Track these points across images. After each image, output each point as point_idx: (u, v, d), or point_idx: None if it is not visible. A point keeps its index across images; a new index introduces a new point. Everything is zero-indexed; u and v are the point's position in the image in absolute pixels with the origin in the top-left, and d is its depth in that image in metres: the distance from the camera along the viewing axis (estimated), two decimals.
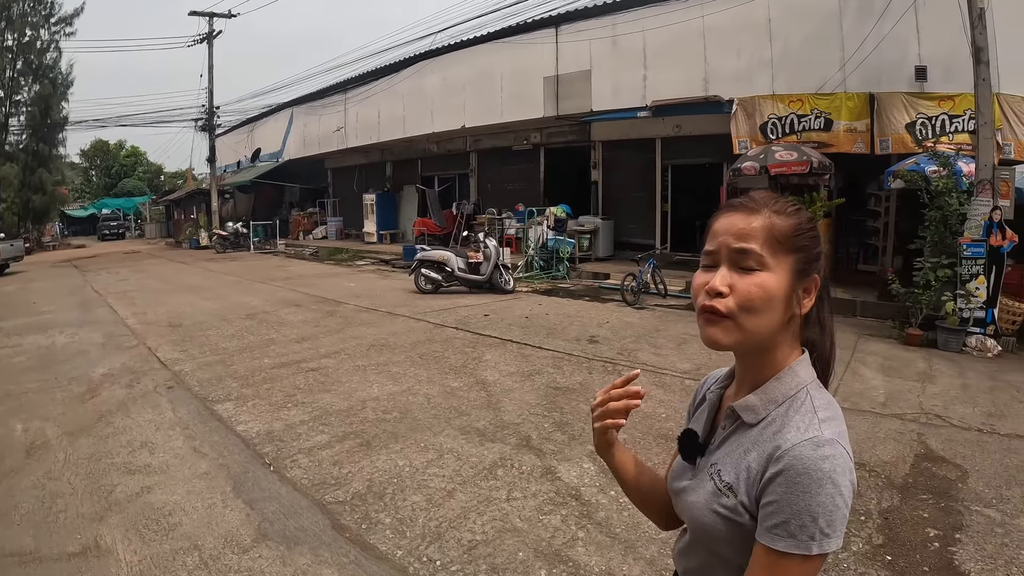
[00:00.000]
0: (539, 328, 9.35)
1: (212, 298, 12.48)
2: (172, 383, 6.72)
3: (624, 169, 16.89)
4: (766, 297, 1.02)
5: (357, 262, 19.16)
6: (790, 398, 1.05)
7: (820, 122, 12.33)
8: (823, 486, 0.93)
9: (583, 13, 15.94)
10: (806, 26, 12.77)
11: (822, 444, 0.96)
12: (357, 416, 5.60)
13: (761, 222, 1.04)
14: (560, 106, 16.28)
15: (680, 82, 14.30)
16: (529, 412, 5.68)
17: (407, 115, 20.80)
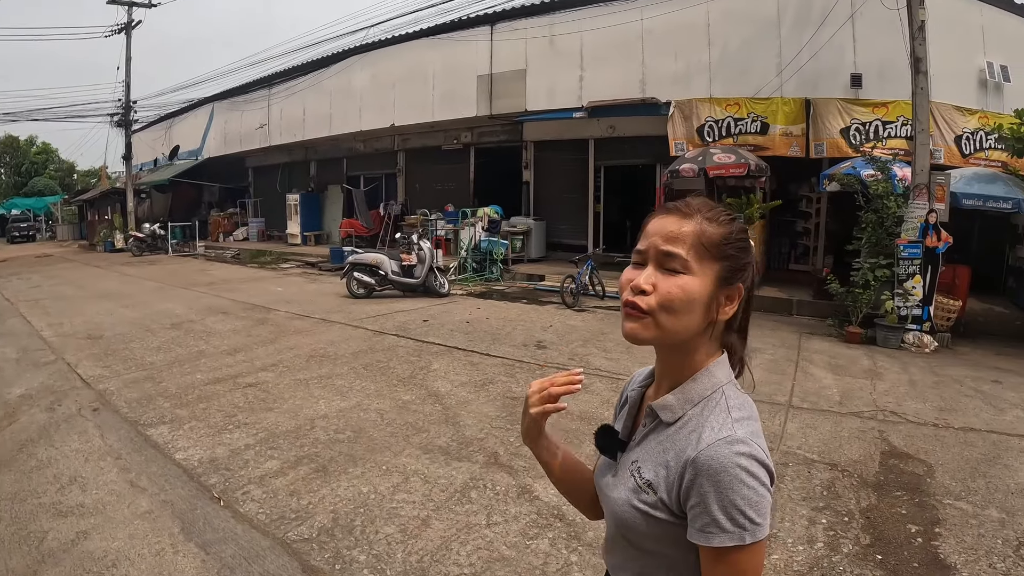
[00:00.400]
0: (482, 333, 9.05)
1: (132, 306, 11.42)
2: (97, 404, 5.94)
3: (556, 170, 16.64)
4: (686, 299, 1.05)
5: (282, 265, 18.21)
6: (706, 398, 1.09)
7: (757, 126, 12.58)
8: (743, 480, 0.98)
9: (520, 12, 15.61)
10: (745, 31, 12.94)
11: (735, 442, 1.00)
12: (307, 437, 5.10)
13: (692, 228, 1.07)
14: (494, 105, 15.87)
15: (617, 84, 14.18)
16: (491, 426, 5.36)
17: (334, 112, 19.96)
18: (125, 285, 14.45)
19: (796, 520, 3.83)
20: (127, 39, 25.30)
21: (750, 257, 1.12)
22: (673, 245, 1.06)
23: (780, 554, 3.46)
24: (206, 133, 26.16)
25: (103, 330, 9.38)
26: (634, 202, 16.08)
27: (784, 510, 3.94)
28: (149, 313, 10.73)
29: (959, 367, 7.79)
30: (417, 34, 17.57)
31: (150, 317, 10.35)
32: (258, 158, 25.67)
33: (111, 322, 9.99)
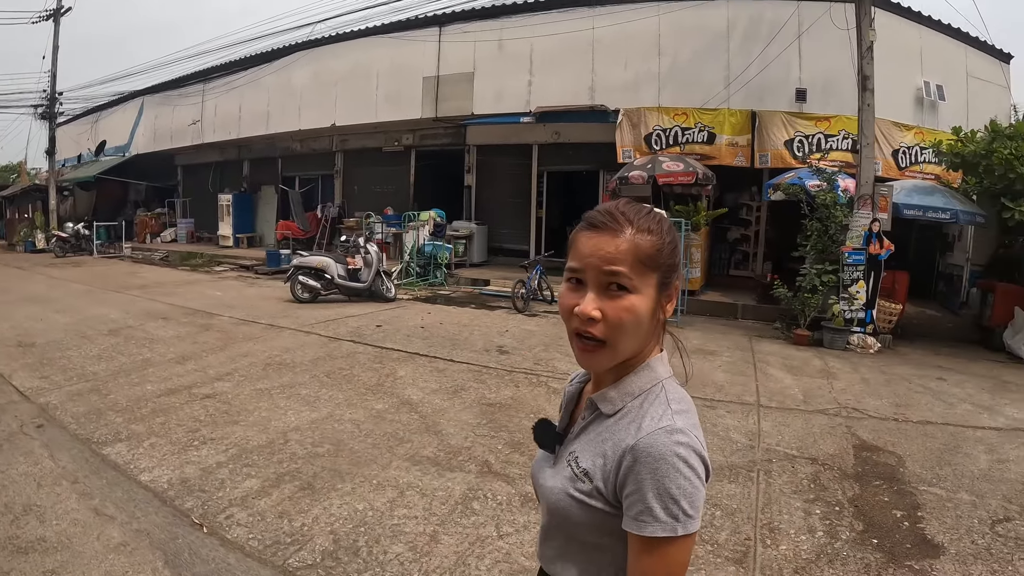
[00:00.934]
0: (440, 339, 8.79)
1: (63, 310, 10.50)
2: (41, 420, 5.31)
3: (499, 174, 16.40)
4: (636, 320, 1.05)
5: (215, 268, 17.24)
6: (646, 391, 1.10)
7: (704, 135, 12.83)
8: (680, 470, 0.98)
9: (469, 14, 15.30)
10: (694, 43, 13.18)
11: (675, 431, 1.01)
12: (283, 452, 4.71)
13: (627, 244, 1.05)
14: (439, 108, 15.51)
15: (566, 90, 14.12)
16: (474, 433, 5.18)
17: (272, 110, 19.07)
18: (52, 288, 13.34)
19: (793, 512, 3.95)
20: (55, 26, 23.49)
21: (679, 252, 1.14)
22: (613, 265, 1.04)
23: (787, 545, 3.55)
24: (135, 128, 24.60)
25: (34, 337, 8.49)
26: (577, 208, 16.02)
27: (780, 503, 4.06)
28: (83, 318, 9.84)
29: (904, 366, 8.16)
30: (363, 32, 16.94)
31: (85, 323, 9.49)
32: (189, 156, 24.26)
33: (42, 328, 9.08)
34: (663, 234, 1.09)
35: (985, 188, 10.23)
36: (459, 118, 15.55)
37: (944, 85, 13.36)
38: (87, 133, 27.59)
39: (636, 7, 13.48)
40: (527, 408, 5.90)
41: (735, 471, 4.55)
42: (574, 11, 14.03)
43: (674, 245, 1.11)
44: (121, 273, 16.32)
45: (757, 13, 12.81)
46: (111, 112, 26.46)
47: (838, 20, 11.01)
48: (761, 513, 3.91)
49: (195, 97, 21.73)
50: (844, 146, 12.15)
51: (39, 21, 23.29)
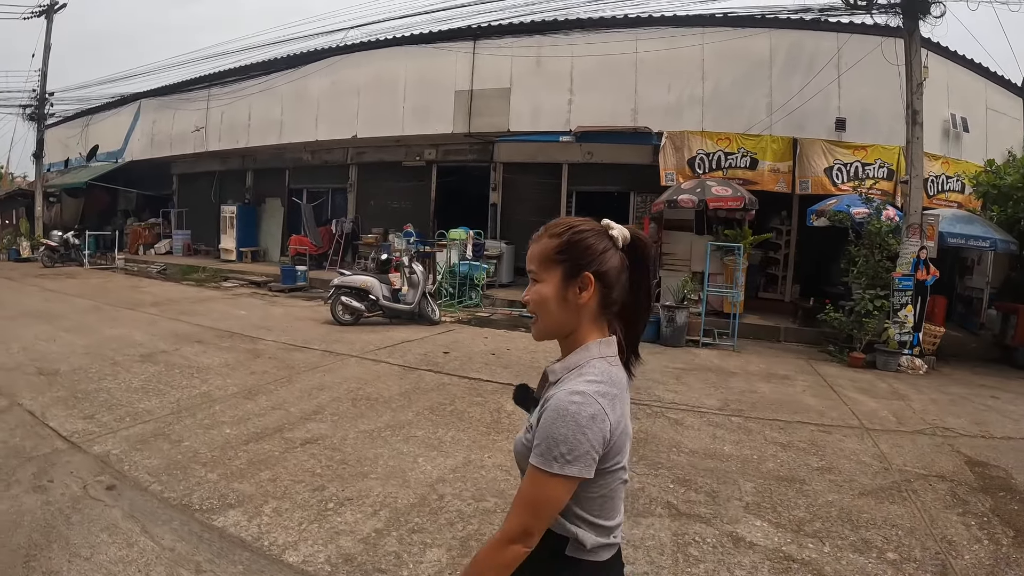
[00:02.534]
0: (520, 366, 7.73)
1: (76, 330, 8.94)
2: (107, 477, 4.03)
3: (526, 192, 15.20)
4: (541, 300, 1.32)
5: (224, 284, 15.46)
6: (579, 366, 1.29)
7: (746, 161, 12.28)
8: (565, 420, 1.17)
9: (506, 29, 14.15)
10: (737, 69, 12.62)
11: (575, 392, 1.20)
12: (447, 510, 3.74)
13: (539, 247, 1.35)
14: (472, 123, 14.21)
15: (607, 110, 13.20)
16: (635, 473, 4.40)
17: (285, 119, 17.27)
18: (53, 303, 11.53)
19: (955, 526, 3.89)
20: (48, 23, 21.29)
21: (594, 252, 1.30)
22: (529, 263, 1.36)
23: (969, 555, 3.52)
24: (130, 133, 22.32)
25: (55, 363, 6.99)
26: None
27: (941, 519, 3.97)
28: (102, 340, 8.28)
29: (955, 386, 8.09)
30: (388, 42, 15.48)
31: (107, 345, 7.96)
32: (187, 164, 22.15)
33: (60, 352, 7.53)
34: (567, 237, 1.31)
35: (1008, 216, 10.80)
36: (494, 134, 14.30)
37: (967, 117, 13.19)
38: (77, 137, 25.02)
39: (680, 31, 12.83)
40: (660, 441, 5.22)
41: (889, 493, 4.37)
42: (617, 31, 13.20)
43: (583, 245, 1.31)
44: (122, 287, 14.44)
45: (798, 42, 12.39)
46: (104, 116, 24.03)
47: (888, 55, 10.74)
48: (933, 528, 3.84)
49: (199, 102, 19.72)
50: (880, 175, 11.84)
51: (31, 17, 20.99)
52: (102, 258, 19.54)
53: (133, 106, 22.38)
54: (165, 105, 21.06)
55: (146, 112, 21.87)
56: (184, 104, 20.17)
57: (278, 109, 17.46)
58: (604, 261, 1.29)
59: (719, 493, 4.16)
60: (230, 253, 19.10)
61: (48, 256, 18.33)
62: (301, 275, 14.63)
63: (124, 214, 24.50)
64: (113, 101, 23.03)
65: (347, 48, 16.15)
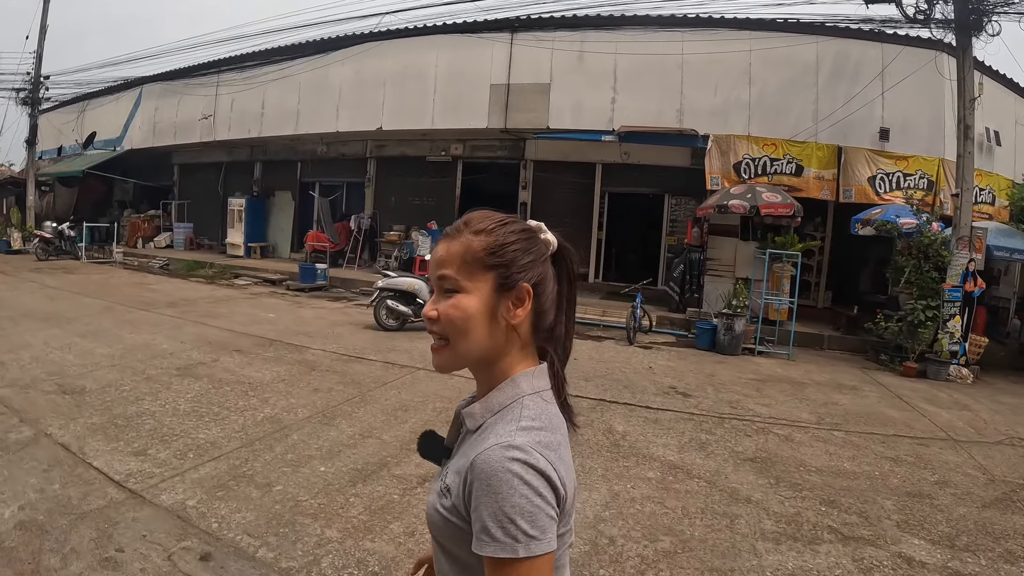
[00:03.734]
0: (597, 379, 7.00)
1: (91, 335, 7.66)
2: (193, 541, 3.05)
3: (558, 192, 14.17)
4: (463, 317, 0.95)
5: (236, 281, 14.03)
6: (505, 407, 0.96)
7: (792, 167, 11.69)
8: (514, 487, 0.84)
9: (546, 22, 13.05)
10: (783, 75, 12.02)
11: (511, 448, 0.86)
12: (628, 556, 3.20)
13: (457, 247, 0.97)
14: (509, 119, 13.06)
15: (651, 110, 12.30)
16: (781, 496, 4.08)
17: (303, 108, 15.75)
18: (57, 302, 10.11)
19: None
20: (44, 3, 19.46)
21: (531, 257, 0.98)
22: (443, 268, 0.97)
23: None
24: (130, 120, 20.38)
25: (77, 378, 5.78)
26: (639, 231, 14.36)
27: None
28: (127, 349, 7.03)
29: (1007, 396, 7.97)
30: (417, 31, 14.21)
31: (133, 355, 6.75)
32: (190, 154, 20.37)
33: (80, 363, 6.30)
34: (501, 235, 0.97)
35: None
36: (531, 131, 13.20)
37: (999, 131, 12.82)
38: (72, 123, 22.89)
39: (727, 33, 12.11)
40: (785, 461, 4.81)
41: (1006, 504, 4.20)
42: (663, 31, 12.33)
43: (518, 247, 0.97)
44: (127, 284, 12.97)
45: (844, 51, 11.84)
46: (102, 101, 21.97)
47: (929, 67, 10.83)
48: None
49: (207, 89, 18.01)
50: (920, 185, 11.45)
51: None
52: (99, 251, 17.83)
53: (134, 92, 20.50)
54: (170, 91, 19.31)
55: (148, 98, 20.04)
56: (191, 90, 18.46)
57: (295, 98, 15.96)
58: (543, 270, 0.99)
59: (868, 513, 3.94)
60: (237, 248, 17.50)
61: (42, 249, 16.60)
62: (321, 273, 13.33)
63: (121, 205, 22.61)
64: (113, 86, 21.12)
65: (372, 36, 14.80)
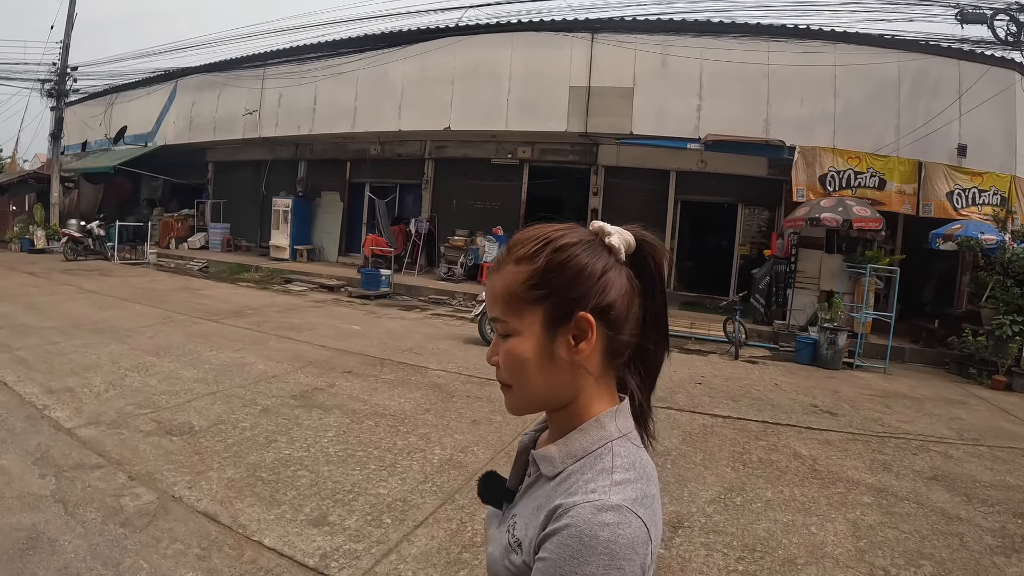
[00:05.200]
0: (745, 398, 7.01)
1: (165, 352, 7.18)
2: None
3: (629, 199, 14.24)
4: (516, 363, 0.86)
5: (292, 287, 13.83)
6: (591, 453, 0.85)
7: (875, 181, 12.00)
8: (595, 555, 0.74)
9: (628, 25, 13.12)
10: (866, 89, 12.34)
11: (605, 509, 0.76)
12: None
13: (500, 281, 0.88)
14: (590, 123, 13.10)
15: (737, 120, 12.46)
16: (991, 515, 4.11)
17: (360, 105, 15.53)
18: (106, 310, 9.84)
19: None
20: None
21: (588, 274, 0.84)
22: (493, 309, 0.89)
23: None
24: (163, 115, 19.98)
25: (176, 411, 5.19)
26: (711, 240, 14.53)
27: None
28: (215, 370, 6.56)
29: None
30: (488, 28, 14.16)
31: (227, 378, 6.27)
32: (226, 151, 20.06)
33: (169, 390, 5.75)
34: (541, 259, 0.85)
35: None
36: (613, 136, 13.27)
37: None
38: (100, 117, 22.37)
39: (813, 44, 12.35)
40: (960, 478, 4.85)
41: None
42: (748, 40, 12.55)
43: (565, 269, 0.84)
44: (174, 288, 12.74)
45: (925, 67, 12.20)
46: (132, 94, 21.45)
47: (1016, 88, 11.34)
48: None
49: (251, 82, 17.69)
50: (993, 201, 11.85)
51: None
52: (131, 252, 17.53)
53: (168, 85, 20.18)
54: (208, 84, 18.98)
55: (184, 92, 19.72)
56: (233, 84, 18.14)
57: (351, 94, 15.76)
58: (606, 288, 0.84)
59: None
60: (282, 251, 17.31)
61: (71, 248, 16.31)
62: (385, 280, 13.21)
63: (150, 203, 22.20)
64: (146, 79, 20.73)
65: (438, 32, 14.73)
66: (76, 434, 4.60)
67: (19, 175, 21.79)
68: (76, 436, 4.56)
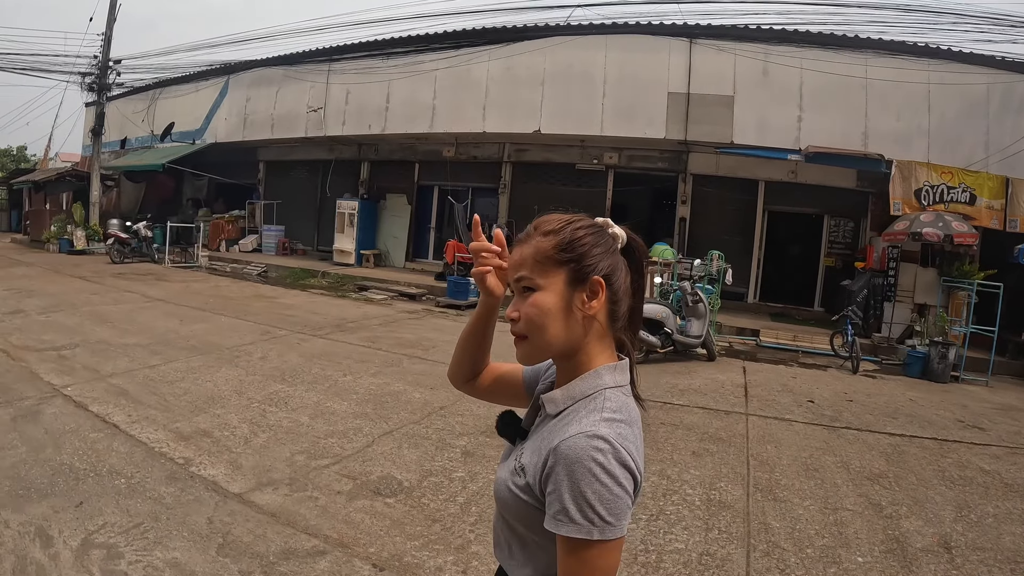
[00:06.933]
0: (900, 416, 7.48)
1: (292, 378, 6.97)
2: None
3: (717, 208, 15.29)
4: (541, 312, 1.17)
5: (373, 296, 14.37)
6: (588, 396, 1.17)
7: (966, 196, 13.05)
8: (596, 474, 1.03)
9: (728, 32, 14.07)
10: (958, 104, 13.37)
11: (596, 437, 1.05)
12: None
13: (529, 249, 1.21)
14: (690, 131, 14.04)
15: (837, 132, 13.48)
16: None
17: (439, 105, 16.17)
18: (187, 322, 9.86)
19: None
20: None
21: (600, 250, 1.20)
22: (518, 270, 1.21)
23: None
24: (213, 111, 20.41)
25: (358, 459, 4.85)
26: (795, 251, 15.56)
27: None
28: (364, 399, 6.35)
29: None
30: (580, 29, 14.93)
31: (389, 410, 6.09)
32: (280, 151, 20.57)
33: (326, 428, 5.47)
34: (568, 233, 1.20)
35: None
36: (715, 144, 14.24)
37: None
38: (142, 113, 22.71)
39: (908, 59, 13.42)
40: None
41: None
42: (847, 52, 13.57)
43: (585, 242, 1.19)
44: (247, 297, 13.04)
45: (1011, 86, 13.28)
46: (178, 90, 21.85)
47: None
48: None
49: (313, 78, 18.24)
50: None
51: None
52: (180, 254, 18.02)
53: (218, 81, 20.63)
54: (266, 80, 19.49)
55: (237, 87, 20.18)
56: (294, 80, 18.70)
57: (429, 93, 16.43)
58: (612, 263, 1.22)
59: None
60: (346, 255, 17.89)
61: (117, 251, 16.74)
62: (474, 289, 13.97)
63: (194, 203, 22.59)
64: (194, 73, 21.15)
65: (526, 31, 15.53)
66: (252, 501, 4.02)
67: (56, 172, 22.02)
68: (255, 505, 3.97)
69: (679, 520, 4.17)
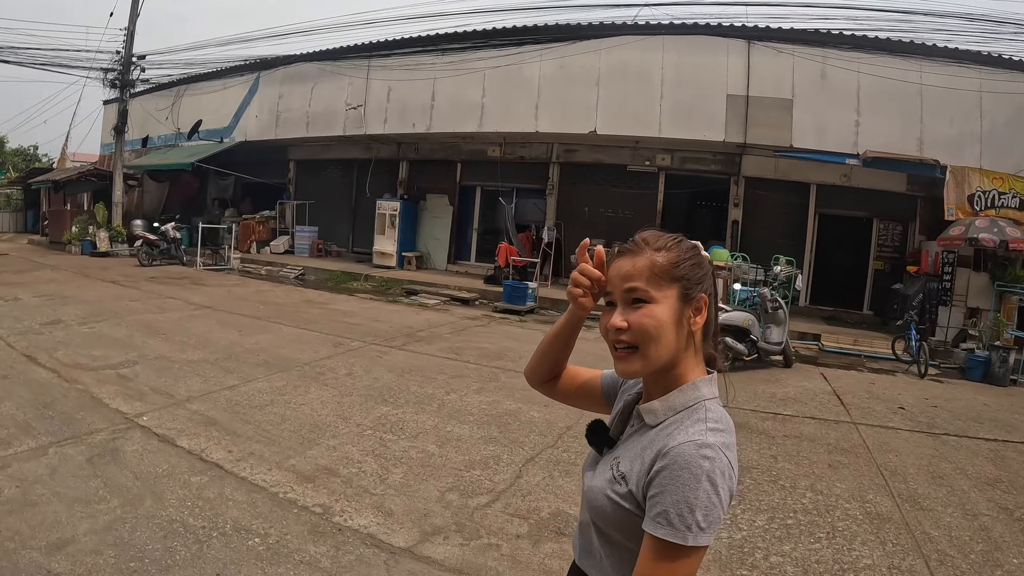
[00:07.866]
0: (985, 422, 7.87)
1: (391, 398, 6.77)
2: None
3: (768, 211, 15.97)
4: (657, 324, 1.26)
5: (417, 299, 14.73)
6: (688, 408, 1.28)
7: (1016, 202, 13.87)
8: (701, 482, 1.13)
9: (786, 34, 14.66)
10: (1009, 111, 14.10)
11: (704, 446, 1.17)
12: None
13: (644, 262, 1.29)
14: (749, 134, 14.61)
15: (895, 137, 14.12)
16: None
17: (488, 104, 16.50)
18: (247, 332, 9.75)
19: None
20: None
21: (705, 269, 1.35)
22: (631, 281, 1.29)
23: None
24: (242, 109, 20.57)
25: (517, 495, 4.65)
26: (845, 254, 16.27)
27: None
28: (484, 422, 6.22)
29: None
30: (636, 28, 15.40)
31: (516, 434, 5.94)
32: (312, 149, 20.77)
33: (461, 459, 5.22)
34: (680, 252, 1.32)
35: None
36: (774, 148, 14.87)
37: None
38: (166, 111, 22.74)
39: (961, 66, 14.12)
40: None
41: None
42: (902, 57, 14.25)
43: (696, 262, 1.32)
44: (297, 302, 13.13)
45: None
46: (205, 87, 22.00)
47: None
48: None
49: (352, 74, 18.45)
50: None
51: None
52: (211, 256, 18.18)
53: (247, 77, 20.81)
54: (299, 77, 19.70)
55: (268, 84, 20.37)
56: (328, 77, 18.91)
57: (478, 91, 16.77)
58: (713, 283, 1.36)
59: None
60: (387, 257, 18.22)
61: (146, 253, 16.93)
62: (532, 294, 14.27)
63: (220, 203, 22.66)
64: (222, 70, 21.25)
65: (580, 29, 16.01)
66: (428, 557, 3.67)
67: (77, 171, 21.97)
68: (433, 561, 3.63)
69: (854, 536, 4.39)
